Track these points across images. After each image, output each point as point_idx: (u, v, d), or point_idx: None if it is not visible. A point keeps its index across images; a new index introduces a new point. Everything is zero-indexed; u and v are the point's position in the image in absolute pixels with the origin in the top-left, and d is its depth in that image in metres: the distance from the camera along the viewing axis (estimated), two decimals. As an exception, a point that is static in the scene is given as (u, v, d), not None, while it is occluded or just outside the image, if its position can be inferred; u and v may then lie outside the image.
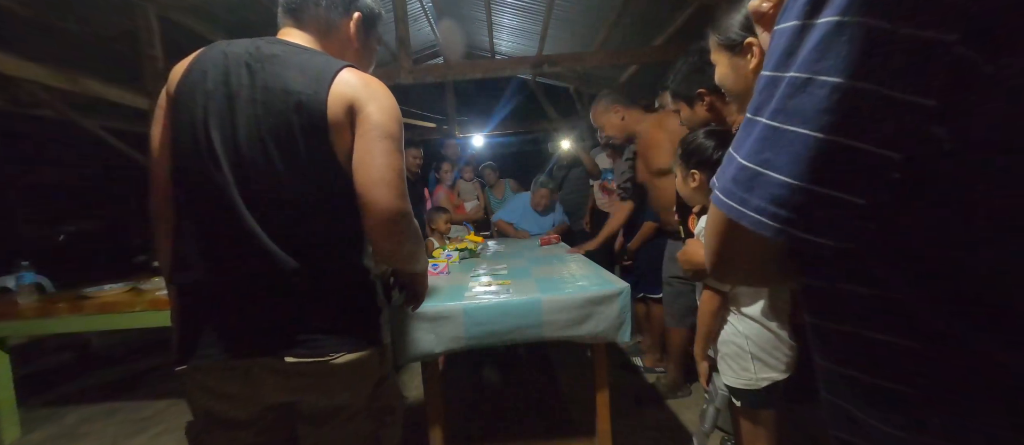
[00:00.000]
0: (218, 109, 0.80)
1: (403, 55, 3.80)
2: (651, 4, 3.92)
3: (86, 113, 3.90)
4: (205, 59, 0.83)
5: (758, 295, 1.18)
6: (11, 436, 2.28)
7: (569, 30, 4.91)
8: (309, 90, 0.79)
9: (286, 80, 0.80)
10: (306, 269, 0.81)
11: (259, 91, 0.80)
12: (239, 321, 0.82)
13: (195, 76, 0.82)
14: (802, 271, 0.46)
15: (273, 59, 0.82)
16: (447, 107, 7.46)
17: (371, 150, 0.80)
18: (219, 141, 0.80)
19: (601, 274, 1.82)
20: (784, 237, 0.36)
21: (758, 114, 0.38)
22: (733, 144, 0.42)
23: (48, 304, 2.23)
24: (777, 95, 0.36)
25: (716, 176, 0.44)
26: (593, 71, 6.00)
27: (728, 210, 0.40)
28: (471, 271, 2.06)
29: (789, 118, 0.35)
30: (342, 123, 0.80)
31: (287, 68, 0.81)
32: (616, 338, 1.55)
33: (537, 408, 2.28)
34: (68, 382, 3.00)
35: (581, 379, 2.47)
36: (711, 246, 0.47)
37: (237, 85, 0.80)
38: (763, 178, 0.37)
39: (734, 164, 0.40)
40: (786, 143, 0.35)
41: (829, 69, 0.33)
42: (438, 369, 1.62)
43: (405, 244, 0.87)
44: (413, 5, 5.06)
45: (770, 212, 0.36)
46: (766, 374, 1.17)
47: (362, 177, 0.80)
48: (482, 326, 1.49)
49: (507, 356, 2.94)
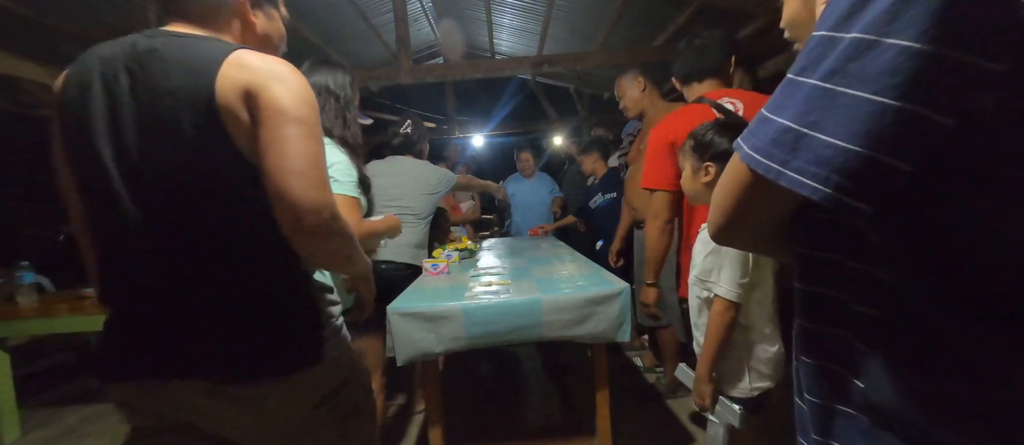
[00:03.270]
0: (102, 122, 0.72)
1: (403, 55, 3.80)
2: (651, 4, 3.92)
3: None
4: (80, 69, 0.75)
5: (763, 306, 1.16)
6: (11, 436, 2.28)
7: (569, 30, 4.91)
8: (196, 83, 0.69)
9: (170, 77, 0.70)
10: (224, 282, 0.73)
11: (142, 94, 0.70)
12: (156, 340, 0.74)
13: (72, 91, 0.74)
14: (801, 240, 0.47)
15: (152, 56, 0.71)
16: (447, 107, 7.46)
17: (277, 138, 0.69)
18: (109, 156, 0.72)
19: (601, 274, 1.82)
20: (827, 199, 0.35)
21: (805, 75, 0.38)
22: (768, 105, 0.41)
23: (48, 304, 2.23)
24: (833, 56, 0.35)
25: (743, 137, 0.43)
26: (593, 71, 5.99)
27: (765, 170, 0.39)
28: (471, 271, 2.06)
29: (847, 80, 0.34)
30: (238, 113, 0.69)
31: (168, 63, 0.70)
32: (616, 338, 1.55)
33: (537, 408, 2.28)
34: (68, 382, 3.00)
35: (581, 379, 2.47)
36: (725, 204, 0.47)
37: (118, 93, 0.72)
38: (810, 140, 0.36)
39: (772, 125, 0.39)
40: (841, 105, 0.34)
41: (900, 32, 0.32)
42: (438, 369, 1.62)
43: (328, 243, 0.74)
44: (413, 5, 5.06)
45: (813, 173, 0.36)
46: (759, 384, 1.17)
47: (269, 168, 0.69)
48: (482, 326, 1.49)
49: (507, 356, 2.94)
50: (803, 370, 0.48)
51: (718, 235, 0.51)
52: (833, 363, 0.44)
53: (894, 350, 0.39)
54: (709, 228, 0.53)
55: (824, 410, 0.45)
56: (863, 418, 0.41)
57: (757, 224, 0.48)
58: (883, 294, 0.39)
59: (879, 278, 0.39)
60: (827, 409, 0.45)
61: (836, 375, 0.44)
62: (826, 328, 0.45)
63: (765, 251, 0.65)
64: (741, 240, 0.55)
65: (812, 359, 0.47)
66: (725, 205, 0.47)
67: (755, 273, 1.12)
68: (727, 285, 1.11)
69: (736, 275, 1.10)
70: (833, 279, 0.44)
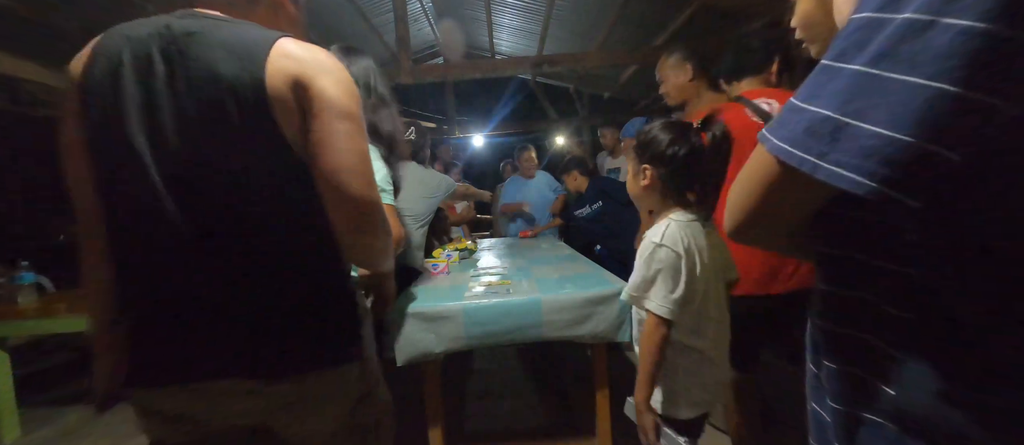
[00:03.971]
0: (135, 110, 0.67)
1: (403, 55, 3.80)
2: (651, 4, 3.92)
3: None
4: (106, 51, 0.69)
5: (701, 322, 1.05)
6: (11, 436, 2.28)
7: (569, 30, 4.91)
8: (243, 69, 0.65)
9: (212, 62, 0.66)
10: (271, 278, 0.71)
11: (182, 81, 0.67)
12: (198, 340, 0.71)
13: (96, 75, 0.68)
14: (825, 238, 0.44)
15: (191, 39, 0.67)
16: (447, 107, 7.47)
17: (331, 132, 0.68)
18: (146, 147, 0.67)
19: (601, 274, 1.82)
20: (872, 194, 0.33)
21: (844, 60, 0.35)
22: (800, 94, 0.38)
23: (48, 304, 2.23)
24: (881, 39, 0.33)
25: (770, 129, 0.40)
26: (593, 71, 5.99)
27: (799, 162, 0.37)
28: (471, 271, 2.06)
29: (898, 64, 0.32)
30: (288, 104, 0.67)
31: (210, 48, 0.67)
32: (616, 338, 1.55)
33: (537, 408, 2.28)
34: (68, 382, 3.00)
35: (581, 379, 2.47)
36: (747, 201, 0.44)
37: (154, 78, 0.67)
38: (852, 129, 0.33)
39: (807, 114, 0.37)
40: (890, 92, 0.32)
41: (960, 11, 0.29)
42: (438, 369, 1.62)
43: (378, 239, 0.75)
44: (413, 5, 5.06)
45: (856, 165, 0.33)
46: (699, 407, 1.08)
47: (324, 165, 0.68)
48: (482, 326, 1.49)
49: (507, 356, 2.94)
50: (825, 375, 0.45)
51: (736, 233, 0.48)
52: (858, 368, 0.42)
53: (929, 355, 0.36)
54: (727, 225, 0.49)
55: (848, 418, 0.42)
56: (891, 426, 0.39)
57: (780, 222, 0.45)
58: (916, 295, 0.37)
59: (911, 278, 0.37)
60: (852, 416, 0.42)
61: (862, 381, 0.41)
62: (850, 331, 0.43)
63: (783, 249, 0.60)
64: (760, 239, 0.52)
65: (835, 363, 0.44)
66: (746, 202, 0.44)
67: (689, 288, 1.00)
68: (658, 300, 0.99)
69: (667, 289, 0.99)
70: (859, 279, 0.42)
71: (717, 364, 1.08)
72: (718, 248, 1.10)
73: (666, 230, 1.02)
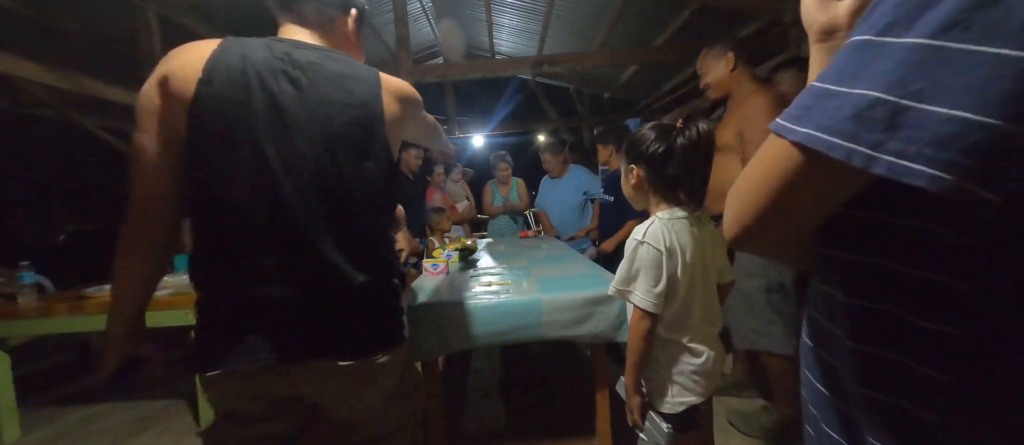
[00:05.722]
0: (265, 122, 0.78)
1: (403, 55, 3.80)
2: (651, 4, 3.92)
3: (86, 113, 3.91)
4: (226, 66, 0.78)
5: (684, 316, 1.08)
6: (11, 436, 2.28)
7: (569, 30, 4.91)
8: (363, 100, 0.85)
9: (336, 92, 0.83)
10: (368, 276, 0.85)
11: (313, 104, 0.81)
12: (292, 327, 0.82)
13: (217, 85, 0.77)
14: (846, 245, 0.39)
15: (313, 69, 0.83)
16: (447, 107, 7.47)
17: (424, 125, 1.07)
18: (275, 157, 0.79)
19: (601, 274, 1.82)
20: (951, 189, 0.27)
21: (894, 34, 0.30)
22: (829, 77, 0.34)
23: (48, 304, 2.23)
24: (947, 5, 0.28)
25: (791, 118, 0.35)
26: (593, 71, 5.99)
27: (846, 154, 0.31)
28: (471, 271, 2.06)
29: (973, 34, 0.27)
30: (393, 124, 0.90)
31: (335, 79, 0.84)
32: (616, 338, 1.55)
33: (537, 408, 2.28)
34: (68, 382, 3.00)
35: (581, 379, 2.47)
36: (757, 201, 0.39)
37: (283, 98, 0.79)
38: (916, 113, 0.28)
39: (849, 98, 0.31)
40: (966, 67, 0.27)
41: None
42: (438, 369, 1.62)
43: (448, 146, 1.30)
44: (413, 5, 5.06)
45: (928, 156, 0.28)
46: (684, 398, 1.09)
47: (433, 144, 1.22)
48: (482, 326, 1.48)
49: (507, 356, 2.94)
50: (855, 400, 0.41)
51: (741, 237, 0.42)
52: (887, 391, 0.37)
53: (975, 375, 0.33)
54: (730, 229, 0.44)
55: None
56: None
57: (794, 224, 0.40)
58: (958, 308, 0.33)
59: (952, 289, 0.33)
60: None
61: (892, 405, 0.37)
62: (876, 349, 0.38)
63: (787, 259, 0.52)
64: (766, 247, 0.46)
65: (863, 388, 0.39)
66: (757, 202, 0.39)
67: (670, 284, 1.04)
68: (641, 294, 1.04)
69: (650, 283, 1.03)
70: (888, 291, 0.37)
71: (701, 357, 1.09)
72: (710, 243, 1.13)
73: (649, 228, 1.07)
